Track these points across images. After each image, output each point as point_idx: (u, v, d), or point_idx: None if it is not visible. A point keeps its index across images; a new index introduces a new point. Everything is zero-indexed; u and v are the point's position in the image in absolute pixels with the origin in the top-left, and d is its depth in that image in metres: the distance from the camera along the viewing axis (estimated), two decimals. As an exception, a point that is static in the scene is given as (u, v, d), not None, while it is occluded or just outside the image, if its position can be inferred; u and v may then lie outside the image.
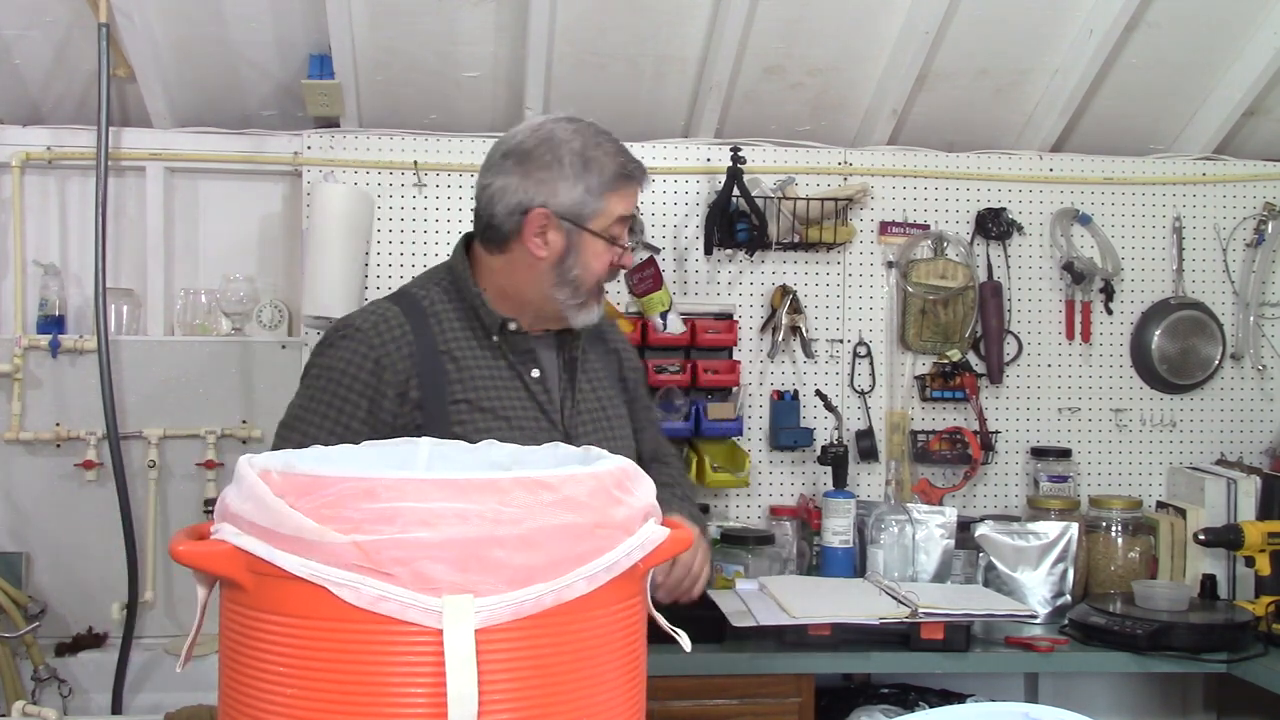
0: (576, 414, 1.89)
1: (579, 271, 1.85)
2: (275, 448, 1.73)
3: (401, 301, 1.86)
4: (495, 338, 1.84)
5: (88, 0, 2.75)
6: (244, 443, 3.10)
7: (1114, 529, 3.11)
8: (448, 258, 1.97)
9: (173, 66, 3.01)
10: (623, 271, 2.00)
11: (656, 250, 3.22)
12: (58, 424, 3.02)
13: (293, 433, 1.76)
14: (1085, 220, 3.39)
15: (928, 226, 3.33)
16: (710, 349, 3.20)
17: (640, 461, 1.88)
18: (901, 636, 2.61)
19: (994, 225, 3.34)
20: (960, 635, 2.60)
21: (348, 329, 1.80)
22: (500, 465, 1.32)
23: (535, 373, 1.85)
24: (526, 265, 1.85)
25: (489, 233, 1.87)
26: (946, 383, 3.30)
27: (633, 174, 1.88)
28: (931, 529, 2.98)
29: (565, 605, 1.05)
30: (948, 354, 3.29)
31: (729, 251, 3.22)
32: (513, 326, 1.85)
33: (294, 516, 1.03)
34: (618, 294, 3.21)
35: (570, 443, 1.83)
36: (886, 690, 2.91)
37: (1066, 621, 2.80)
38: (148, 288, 3.15)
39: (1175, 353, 3.38)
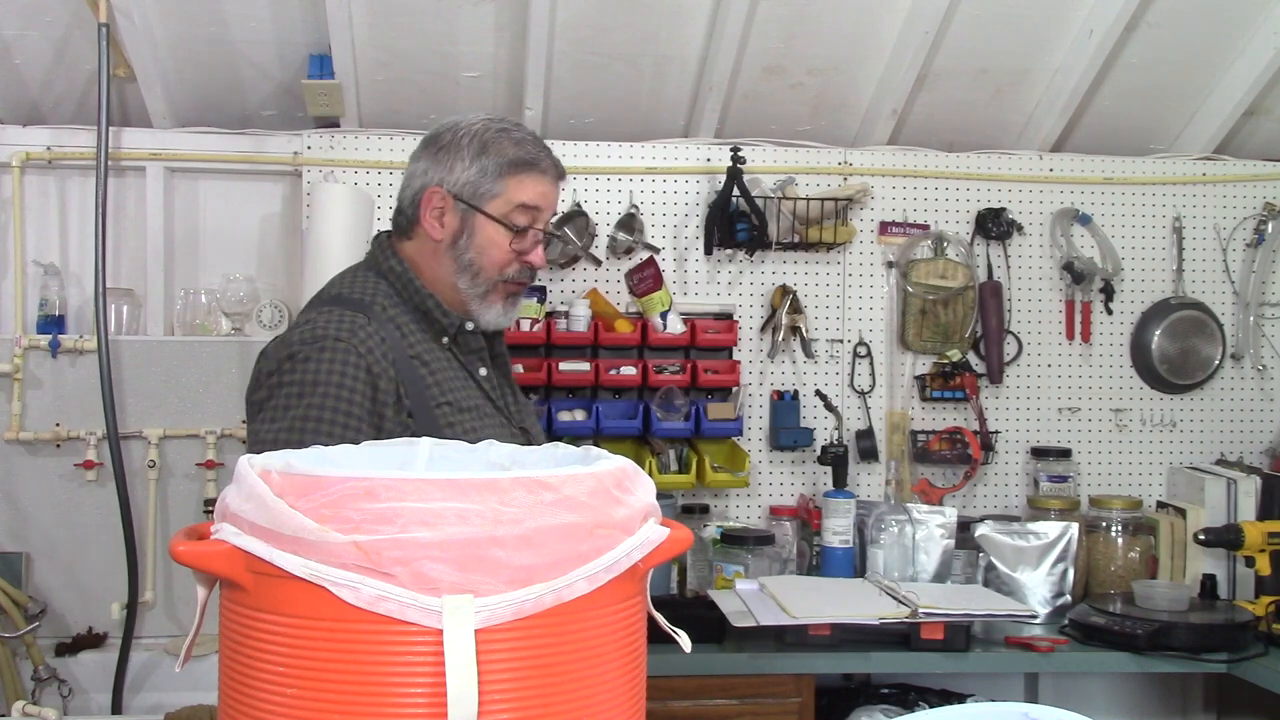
0: (519, 409, 1.91)
1: (473, 255, 1.81)
2: None
3: (359, 308, 1.77)
4: (445, 339, 1.81)
5: (88, 0, 2.75)
6: (244, 443, 3.09)
7: (1114, 529, 3.11)
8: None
9: (173, 66, 3.01)
10: (539, 272, 1.92)
11: (656, 250, 3.22)
12: (58, 424, 3.02)
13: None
14: (1085, 220, 3.39)
15: (928, 226, 3.33)
16: (710, 349, 3.20)
17: None
18: (901, 636, 2.61)
19: (994, 225, 3.34)
20: (960, 635, 2.60)
21: (325, 340, 1.69)
22: (500, 465, 1.32)
23: (484, 371, 1.85)
24: (430, 249, 1.83)
25: (397, 218, 1.89)
26: (946, 383, 3.30)
27: (535, 161, 1.80)
28: (931, 529, 2.98)
29: (565, 605, 1.05)
30: (948, 354, 3.29)
31: (729, 251, 3.22)
32: (469, 327, 1.83)
33: (294, 516, 1.03)
34: (618, 294, 3.21)
35: (524, 436, 1.83)
36: (886, 690, 2.91)
37: (1066, 621, 2.80)
38: (148, 288, 3.15)
39: (1175, 353, 3.38)
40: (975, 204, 3.36)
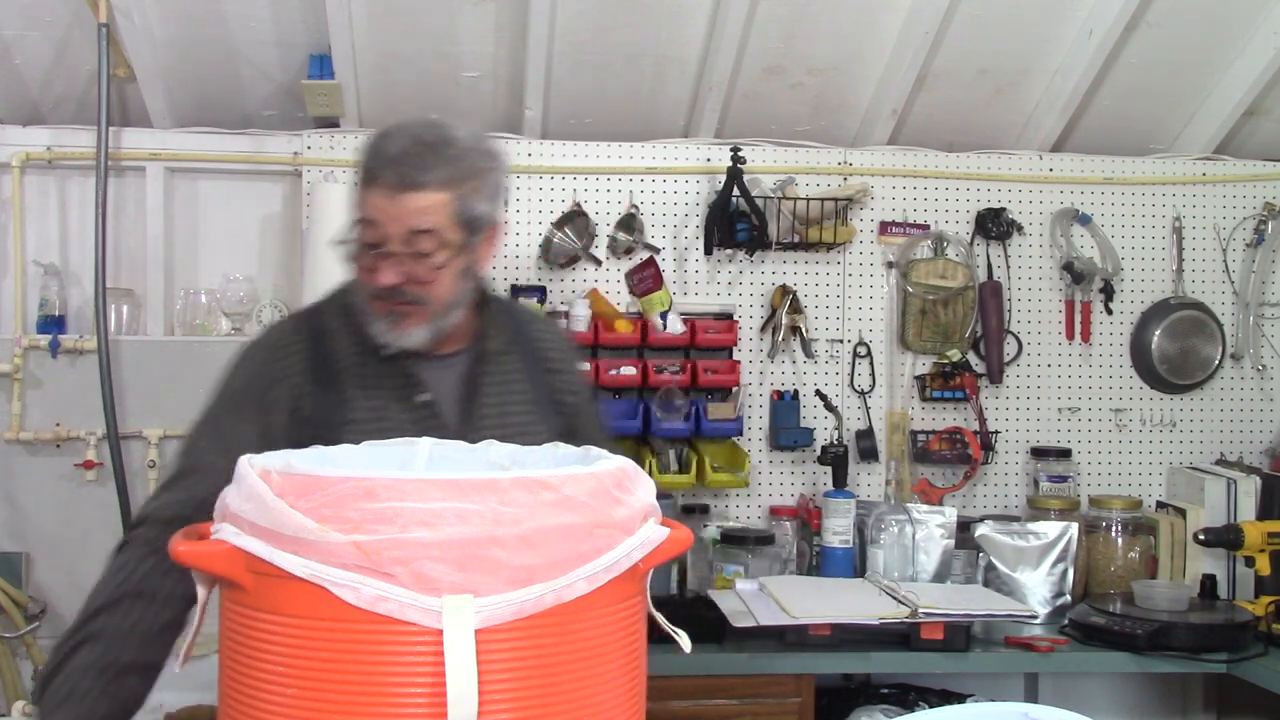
0: (470, 442, 1.77)
1: (353, 275, 1.72)
2: (173, 471, 1.70)
3: (302, 318, 1.81)
4: (382, 356, 1.73)
5: (88, 0, 2.75)
6: (244, 443, 3.09)
7: (1114, 529, 3.11)
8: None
9: (173, 66, 3.01)
10: (420, 288, 1.68)
11: (656, 250, 3.22)
12: (58, 424, 3.02)
13: (186, 458, 1.70)
14: (1085, 220, 3.39)
15: (928, 226, 3.33)
16: (710, 349, 3.20)
17: None
18: (901, 636, 2.61)
19: (994, 225, 3.33)
20: (960, 635, 2.60)
21: (247, 346, 1.78)
22: (500, 465, 1.32)
23: (423, 396, 1.72)
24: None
25: None
26: (946, 383, 3.30)
27: (372, 171, 1.65)
28: (931, 529, 2.98)
29: (565, 605, 1.05)
30: (948, 354, 3.29)
31: (729, 251, 3.22)
32: (390, 347, 1.72)
33: (294, 516, 1.03)
34: (618, 294, 3.22)
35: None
36: (886, 690, 2.91)
37: (1066, 621, 2.80)
38: (148, 288, 3.15)
39: (1175, 353, 3.38)
40: (975, 204, 3.36)
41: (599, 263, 3.21)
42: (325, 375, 1.71)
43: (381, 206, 1.62)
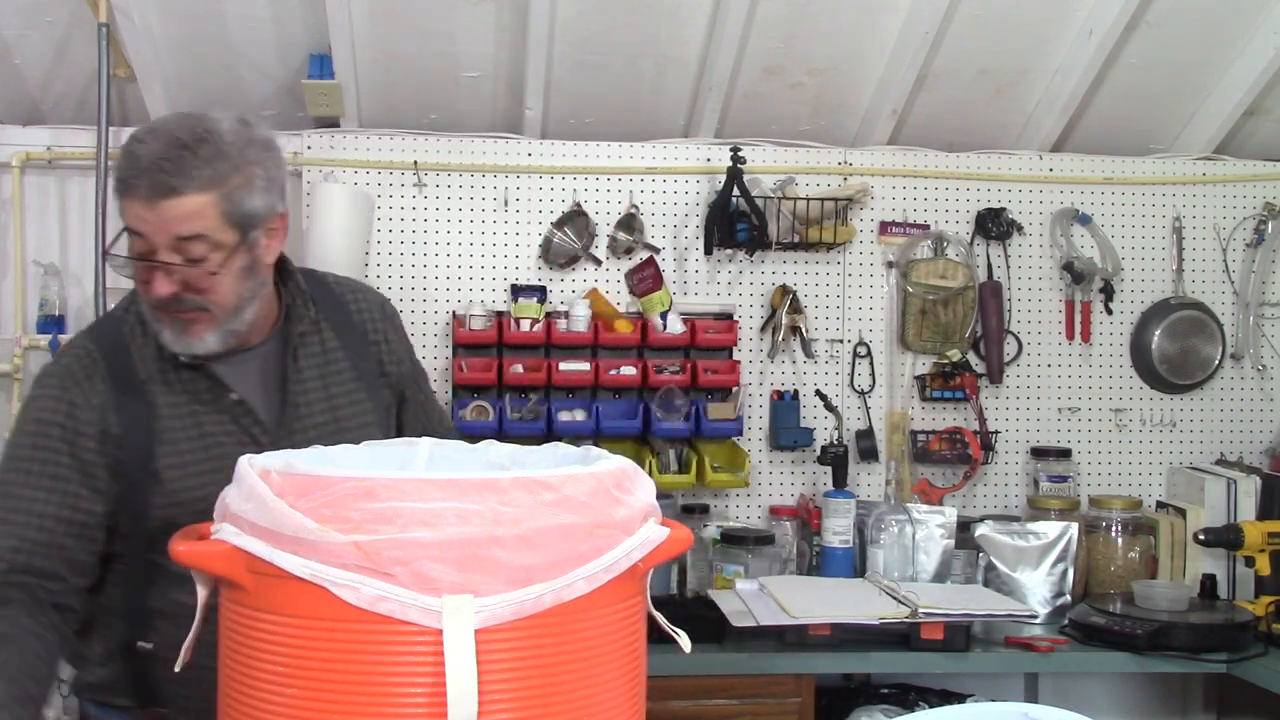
0: (290, 430, 1.69)
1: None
2: None
3: (98, 332, 1.72)
4: (182, 362, 1.67)
5: (88, 0, 2.75)
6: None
7: (1114, 529, 3.10)
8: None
9: (173, 66, 3.01)
10: (192, 298, 1.60)
11: (656, 250, 3.22)
12: (58, 424, 3.02)
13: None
14: (1085, 220, 3.39)
15: (928, 226, 3.33)
16: (710, 349, 3.20)
17: None
18: (901, 636, 2.61)
19: (994, 225, 3.33)
20: (960, 635, 2.60)
21: (42, 376, 1.67)
22: (500, 465, 1.32)
23: (234, 394, 1.67)
24: None
25: None
26: (946, 383, 3.30)
27: (124, 180, 1.55)
28: (931, 529, 2.98)
29: (565, 605, 1.05)
30: (948, 354, 3.29)
31: (729, 251, 3.22)
32: (183, 352, 1.66)
33: (294, 516, 1.03)
34: (618, 294, 3.22)
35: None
36: (886, 690, 2.91)
37: (1066, 621, 2.80)
38: (148, 288, 3.14)
39: (1175, 353, 3.38)
40: (975, 204, 3.35)
41: (599, 263, 3.21)
42: (128, 389, 1.64)
43: (142, 216, 1.53)
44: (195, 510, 1.56)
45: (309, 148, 3.14)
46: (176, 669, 1.19)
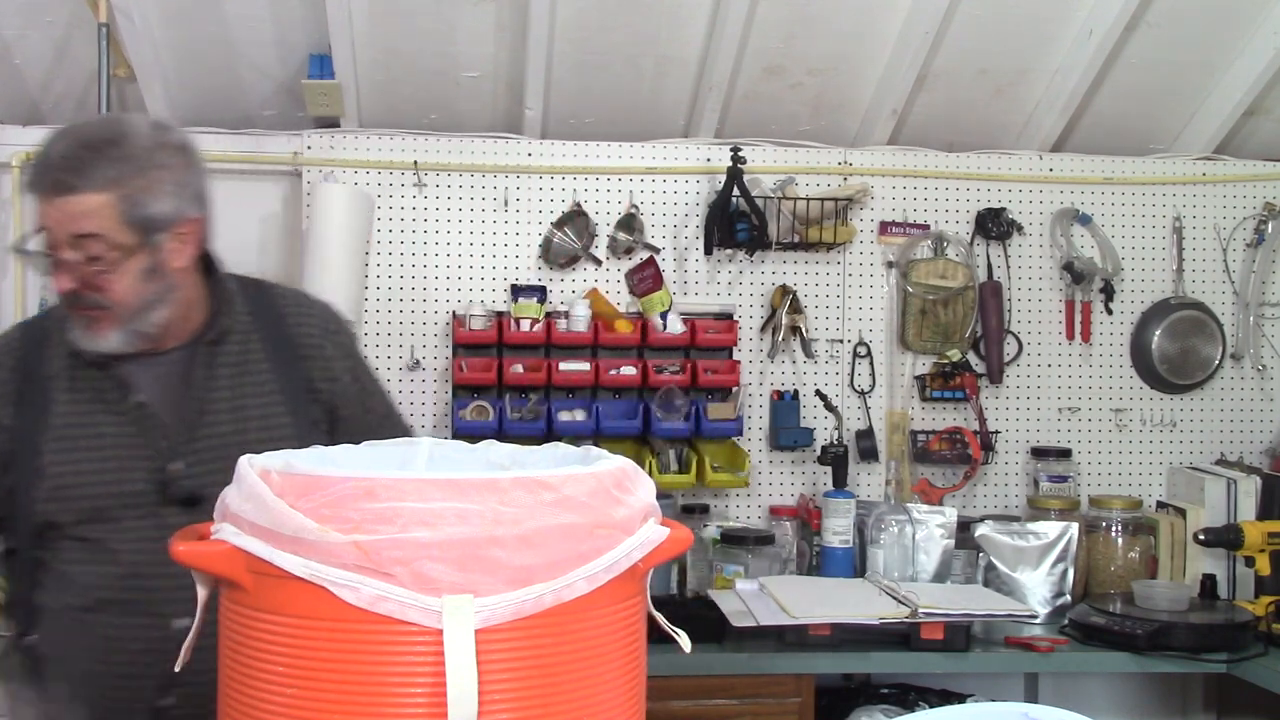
0: (193, 438, 1.66)
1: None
2: None
3: (29, 322, 1.78)
4: (90, 361, 1.65)
5: (88, 0, 2.75)
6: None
7: (1114, 529, 3.11)
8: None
9: (173, 66, 3.01)
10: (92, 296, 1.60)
11: (656, 250, 3.22)
12: (58, 424, 3.02)
13: None
14: (1085, 220, 3.39)
15: (928, 226, 3.33)
16: (710, 349, 3.20)
17: None
18: (901, 636, 2.61)
19: (994, 225, 3.34)
20: (960, 635, 2.60)
21: None
22: (500, 465, 1.32)
23: (139, 397, 1.65)
24: None
25: None
26: (946, 383, 3.30)
27: (33, 179, 1.60)
28: (931, 529, 2.98)
29: (565, 605, 1.05)
30: (948, 354, 3.29)
31: (729, 251, 3.22)
32: (91, 351, 1.65)
33: (294, 516, 1.03)
34: (618, 294, 3.22)
35: (177, 478, 1.61)
36: (886, 690, 2.91)
37: (1066, 621, 2.80)
38: (148, 288, 3.14)
39: (1175, 353, 3.38)
40: (975, 204, 3.35)
41: (599, 263, 3.21)
42: (30, 382, 1.65)
43: (45, 212, 1.57)
44: (79, 509, 1.60)
45: (309, 148, 3.14)
46: (177, 669, 1.19)
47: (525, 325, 3.08)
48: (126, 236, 1.58)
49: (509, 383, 3.06)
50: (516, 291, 3.14)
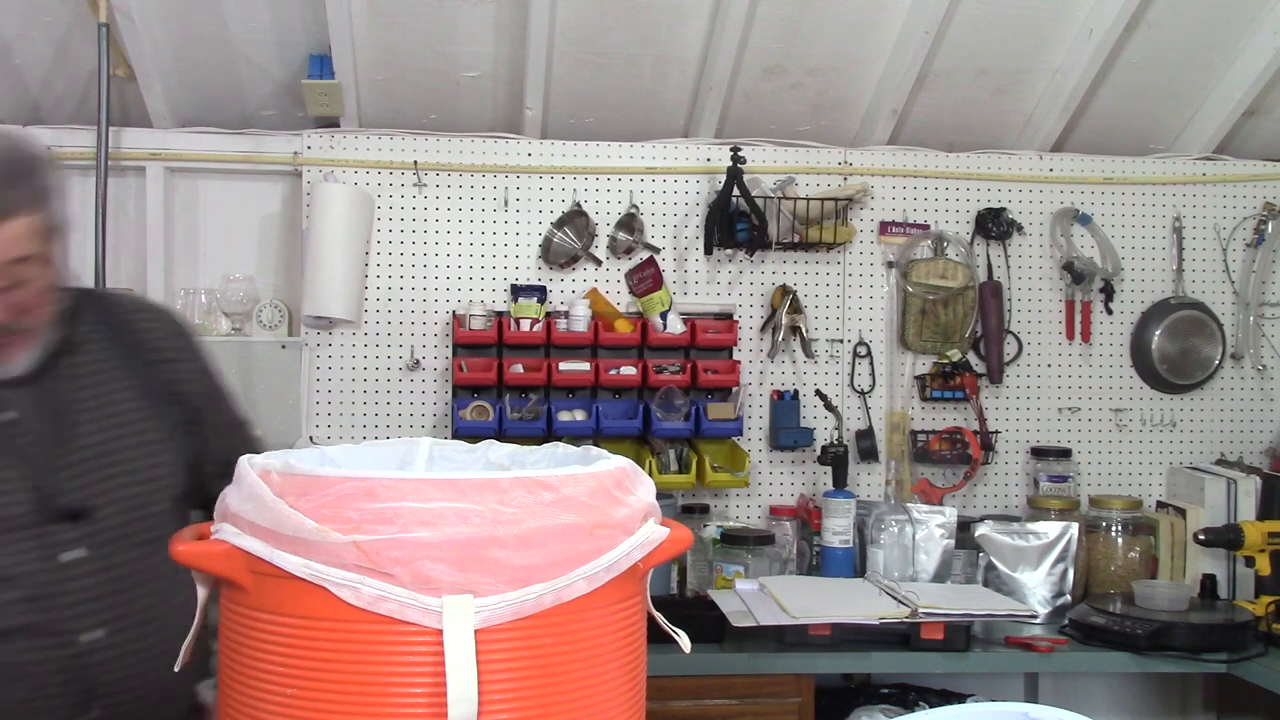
0: (69, 451, 1.60)
1: None
2: None
3: None
4: None
5: (88, 0, 2.75)
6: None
7: (1114, 529, 3.11)
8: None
9: (173, 66, 3.01)
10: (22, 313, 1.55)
11: (656, 250, 3.22)
12: (58, 424, 3.02)
13: None
14: (1085, 220, 3.39)
15: (928, 226, 3.33)
16: (710, 349, 3.20)
17: (203, 478, 1.71)
18: (901, 636, 2.61)
19: (994, 225, 3.34)
20: (960, 635, 2.60)
21: None
22: (500, 465, 1.32)
23: (8, 415, 1.58)
24: None
25: None
26: (946, 383, 3.30)
27: None
28: (931, 529, 2.98)
29: (565, 605, 1.05)
30: (948, 354, 3.29)
31: (729, 251, 3.22)
32: None
33: (294, 516, 1.03)
34: (618, 294, 3.22)
35: (58, 493, 1.55)
36: (886, 690, 2.91)
37: (1066, 621, 2.80)
38: (148, 288, 3.14)
39: (1175, 353, 3.38)
40: (975, 204, 3.36)
41: (599, 263, 3.21)
42: None
43: None
44: None
45: (309, 148, 3.14)
46: (177, 669, 1.19)
47: (525, 325, 3.08)
48: (47, 250, 1.55)
49: (509, 383, 3.06)
50: (516, 291, 3.15)
